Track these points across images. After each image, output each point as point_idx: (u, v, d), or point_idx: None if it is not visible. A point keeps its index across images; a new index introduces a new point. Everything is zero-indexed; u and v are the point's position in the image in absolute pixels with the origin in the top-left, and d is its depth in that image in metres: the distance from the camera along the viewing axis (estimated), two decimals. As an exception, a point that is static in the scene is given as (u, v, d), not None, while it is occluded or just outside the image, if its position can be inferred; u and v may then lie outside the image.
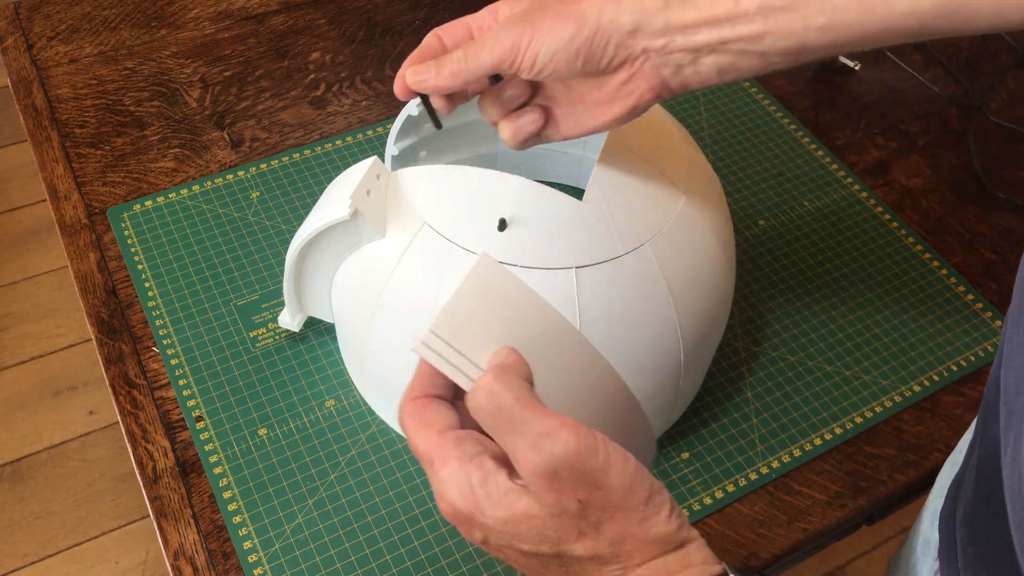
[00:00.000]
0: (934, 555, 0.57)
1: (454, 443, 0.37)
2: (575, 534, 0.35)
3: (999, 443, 0.44)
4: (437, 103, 0.53)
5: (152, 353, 0.68)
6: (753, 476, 0.64)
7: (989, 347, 0.72)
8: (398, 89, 0.52)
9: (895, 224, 0.81)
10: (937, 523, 0.57)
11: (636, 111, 0.49)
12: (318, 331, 0.69)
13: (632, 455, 0.35)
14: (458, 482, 0.36)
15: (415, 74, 0.50)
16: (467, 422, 0.38)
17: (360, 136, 0.84)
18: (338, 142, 0.83)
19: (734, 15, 0.44)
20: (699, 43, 0.45)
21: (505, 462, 0.36)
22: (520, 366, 0.37)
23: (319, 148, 0.82)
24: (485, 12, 0.52)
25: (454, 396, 0.39)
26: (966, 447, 0.56)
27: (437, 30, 0.53)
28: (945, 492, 0.58)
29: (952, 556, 0.51)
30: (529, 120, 0.53)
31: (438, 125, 0.56)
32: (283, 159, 0.81)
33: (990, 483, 0.45)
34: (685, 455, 0.65)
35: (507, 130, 0.53)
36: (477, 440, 0.37)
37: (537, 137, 0.54)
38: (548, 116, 0.53)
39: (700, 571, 0.35)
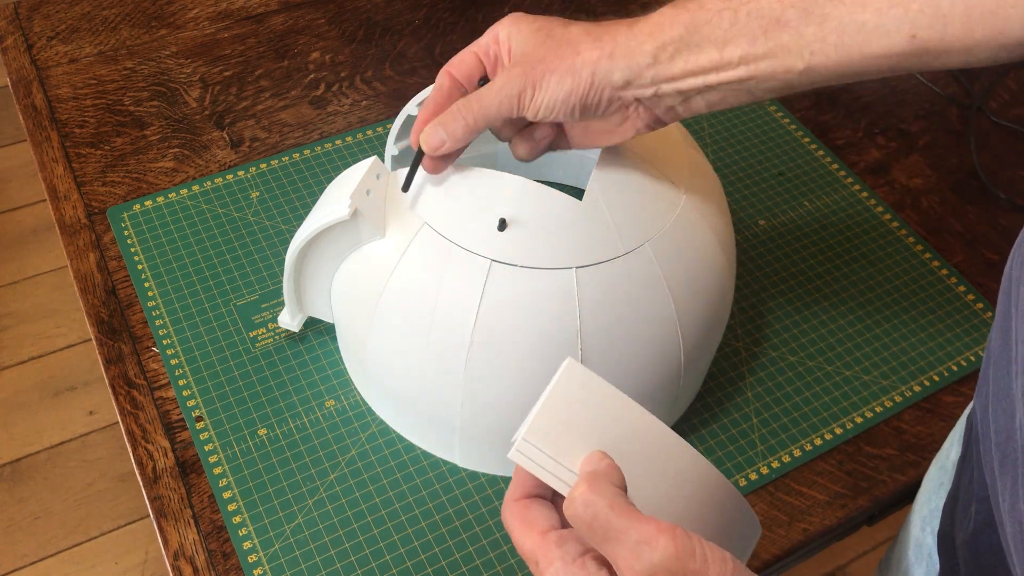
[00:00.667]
0: (927, 560, 0.57)
1: (556, 543, 0.38)
2: None
3: (990, 474, 0.44)
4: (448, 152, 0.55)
5: (152, 353, 0.68)
6: (753, 476, 0.64)
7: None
8: (413, 141, 0.55)
9: (895, 224, 0.81)
10: (928, 528, 0.57)
11: (636, 135, 0.53)
12: (318, 331, 0.69)
13: (729, 554, 0.36)
14: None
15: (432, 149, 0.53)
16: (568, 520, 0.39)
17: (360, 136, 0.83)
18: (338, 142, 0.83)
19: (719, 64, 0.46)
20: (687, 88, 0.48)
21: (606, 562, 0.37)
22: (612, 471, 0.38)
23: (319, 148, 0.82)
24: (488, 38, 0.54)
25: (554, 494, 0.41)
26: (951, 457, 0.56)
27: (448, 68, 0.55)
28: (931, 497, 0.58)
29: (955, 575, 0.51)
30: (541, 136, 0.56)
31: (406, 188, 0.58)
32: (283, 159, 0.81)
33: (988, 508, 0.45)
34: None
35: (522, 148, 0.56)
36: (579, 539, 0.38)
37: (548, 148, 0.57)
38: (558, 131, 0.56)
39: None
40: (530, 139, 0.56)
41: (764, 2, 0.44)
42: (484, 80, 0.55)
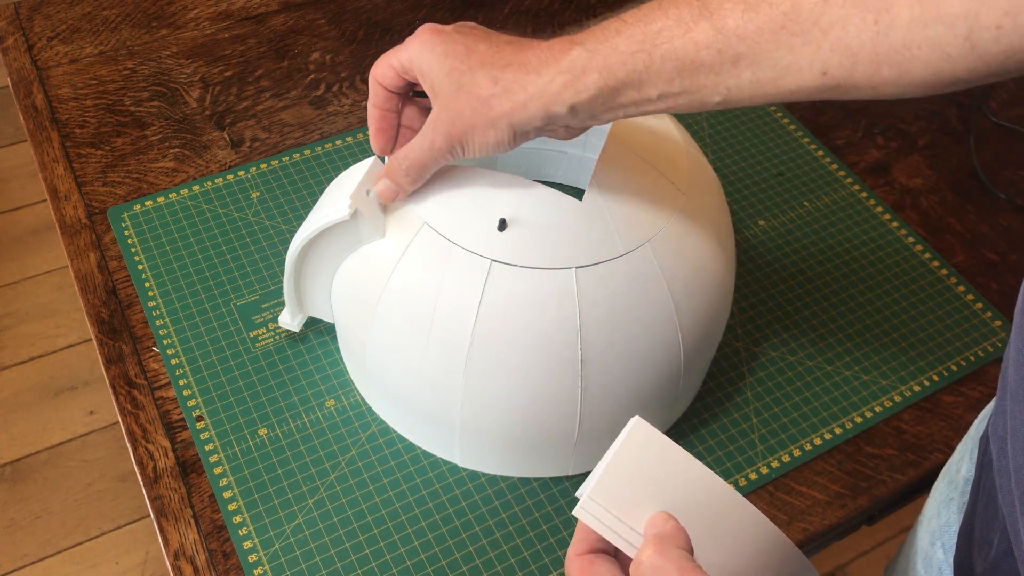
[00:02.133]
0: (938, 575, 0.57)
1: None
2: None
3: (1009, 508, 0.43)
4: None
5: (152, 353, 0.68)
6: (753, 476, 0.64)
7: (989, 347, 0.72)
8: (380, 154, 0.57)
9: (895, 224, 0.81)
10: (939, 543, 0.57)
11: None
12: (318, 331, 0.69)
13: None
14: None
15: (389, 199, 0.57)
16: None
17: (360, 136, 0.84)
18: (338, 142, 0.83)
19: (637, 100, 0.47)
20: (609, 118, 0.49)
21: None
22: (678, 533, 0.38)
23: (319, 148, 0.82)
24: (403, 59, 0.52)
25: (616, 549, 0.41)
26: (961, 472, 0.56)
27: (376, 77, 0.54)
28: (941, 511, 0.58)
29: None
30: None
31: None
32: (283, 159, 0.81)
33: (1008, 538, 0.45)
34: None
35: None
36: None
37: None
38: None
39: None
40: None
41: (678, 43, 0.44)
42: (415, 90, 0.55)
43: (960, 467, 0.57)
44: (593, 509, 0.39)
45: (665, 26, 0.44)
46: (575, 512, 0.40)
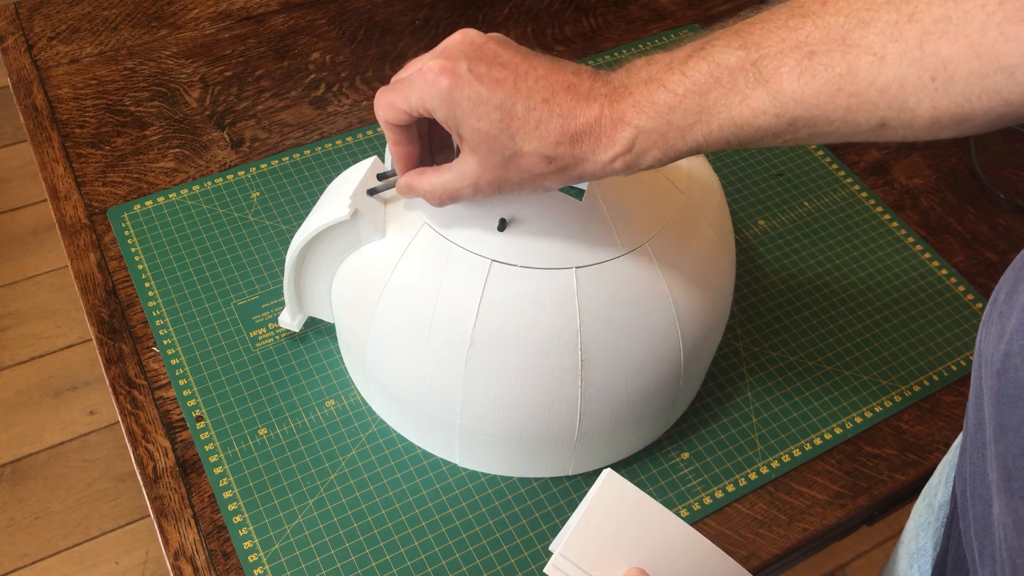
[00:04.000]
0: None
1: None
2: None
3: (971, 556, 0.43)
4: None
5: (152, 353, 0.68)
6: (753, 476, 0.64)
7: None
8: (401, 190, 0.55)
9: (895, 224, 0.81)
10: (916, 566, 0.57)
11: None
12: (318, 331, 0.69)
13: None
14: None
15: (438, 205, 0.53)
16: None
17: (360, 136, 0.84)
18: (338, 142, 0.83)
19: (682, 152, 0.46)
20: (648, 165, 0.48)
21: None
22: None
23: (319, 148, 0.82)
24: (414, 103, 0.49)
25: None
26: (938, 497, 0.56)
27: (387, 119, 0.51)
28: (919, 534, 0.57)
29: None
30: None
31: (371, 193, 0.58)
32: (283, 159, 0.81)
33: None
34: (685, 455, 0.65)
35: None
36: None
37: None
38: None
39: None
40: None
41: (735, 112, 0.43)
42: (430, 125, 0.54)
43: (938, 491, 0.56)
44: (564, 566, 0.39)
45: (721, 95, 0.43)
46: (546, 569, 0.40)
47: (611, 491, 0.40)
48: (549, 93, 0.46)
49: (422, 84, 0.47)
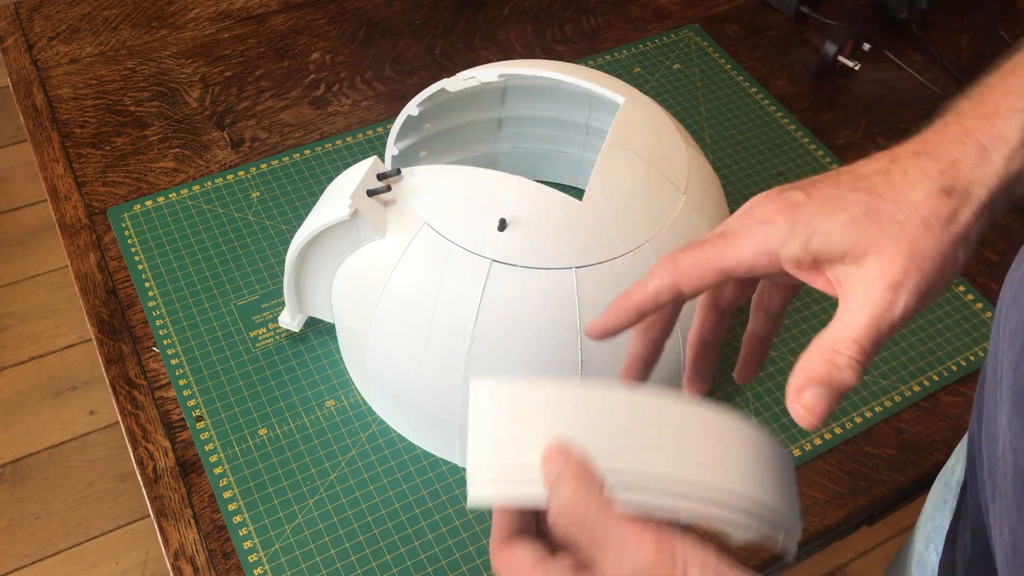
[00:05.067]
0: None
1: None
2: None
3: (984, 500, 0.43)
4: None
5: (152, 353, 0.68)
6: (753, 476, 0.64)
7: (989, 347, 0.72)
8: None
9: (895, 224, 0.80)
10: (932, 546, 0.57)
11: None
12: (318, 331, 0.69)
13: (712, 557, 0.34)
14: None
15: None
16: (555, 541, 0.37)
17: (360, 136, 0.84)
18: (338, 142, 0.83)
19: None
20: None
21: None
22: (577, 472, 0.35)
23: (319, 148, 0.82)
24: (754, 251, 0.41)
25: (534, 520, 0.38)
26: (956, 475, 0.56)
27: (671, 272, 0.42)
28: (935, 514, 0.58)
29: None
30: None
31: (380, 178, 0.57)
32: (283, 159, 0.81)
33: (985, 535, 0.45)
34: None
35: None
36: (561, 568, 0.36)
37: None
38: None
39: None
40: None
41: None
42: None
43: (955, 470, 0.57)
44: (483, 490, 0.35)
45: None
46: (469, 506, 0.36)
47: (483, 397, 0.36)
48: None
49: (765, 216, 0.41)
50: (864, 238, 0.39)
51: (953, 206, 0.39)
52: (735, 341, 0.71)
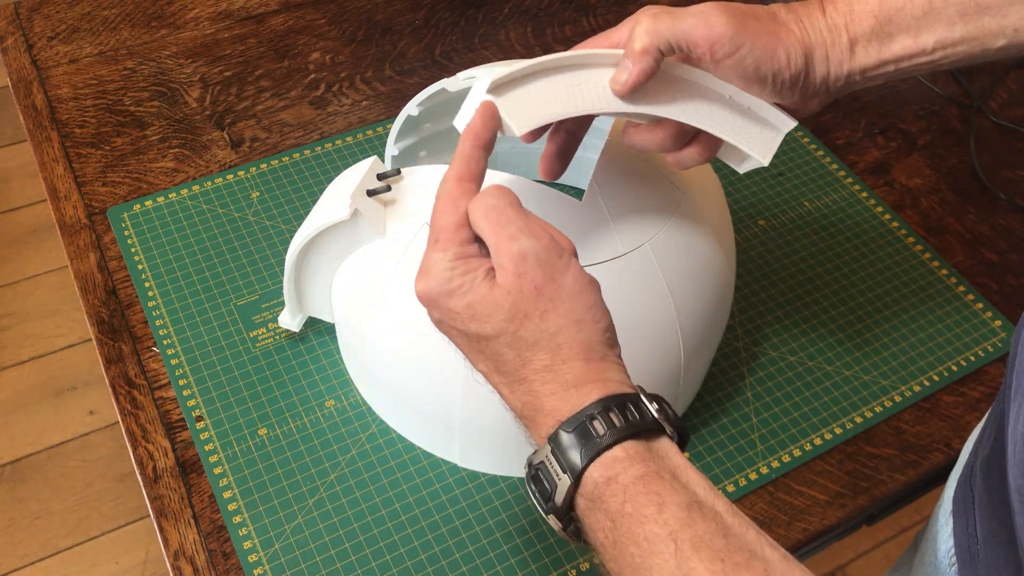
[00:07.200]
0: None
1: (461, 241, 0.42)
2: (522, 315, 0.41)
3: (1011, 399, 0.44)
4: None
5: (152, 353, 0.68)
6: (753, 476, 0.64)
7: (989, 347, 0.72)
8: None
9: (895, 224, 0.81)
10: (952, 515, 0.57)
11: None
12: (318, 331, 0.69)
13: (594, 282, 0.42)
14: (441, 269, 0.42)
15: (616, 83, 0.48)
16: None
17: (360, 136, 0.84)
18: (338, 142, 0.83)
19: (912, 52, 0.47)
20: (874, 75, 0.48)
21: (489, 271, 0.42)
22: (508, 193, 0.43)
23: (319, 148, 0.82)
24: (626, 30, 0.49)
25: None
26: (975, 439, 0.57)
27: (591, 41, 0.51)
28: (953, 484, 0.58)
29: (968, 508, 0.51)
30: (692, 154, 0.53)
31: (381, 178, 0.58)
32: (283, 159, 0.81)
33: (1004, 436, 0.45)
34: (685, 455, 0.65)
35: (641, 137, 0.53)
36: (478, 251, 0.43)
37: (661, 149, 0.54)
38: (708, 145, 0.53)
39: (615, 385, 0.40)
40: (677, 155, 0.53)
41: None
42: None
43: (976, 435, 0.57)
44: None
45: None
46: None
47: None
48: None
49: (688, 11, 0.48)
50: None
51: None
52: (735, 341, 0.71)
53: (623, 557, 0.37)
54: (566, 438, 0.39)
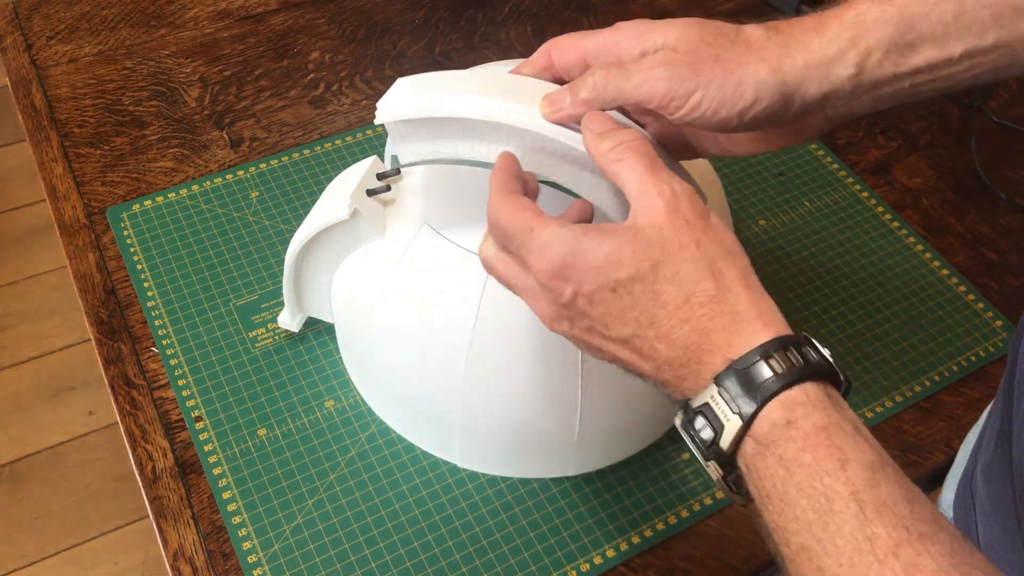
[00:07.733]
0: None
1: (545, 219, 0.41)
2: (678, 246, 0.39)
3: (1016, 404, 0.44)
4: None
5: (151, 353, 0.68)
6: (753, 476, 0.64)
7: (989, 347, 0.72)
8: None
9: (896, 224, 0.80)
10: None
11: (803, 142, 0.50)
12: (318, 331, 0.69)
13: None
14: (561, 238, 0.40)
15: (550, 105, 0.47)
16: None
17: (360, 136, 0.83)
18: (338, 142, 0.83)
19: (935, 63, 0.42)
20: (889, 92, 0.44)
21: (601, 228, 0.40)
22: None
23: (319, 148, 0.82)
24: (600, 40, 0.50)
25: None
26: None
27: (550, 47, 0.50)
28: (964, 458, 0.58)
29: (970, 513, 0.51)
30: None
31: (380, 178, 0.58)
32: (283, 159, 0.81)
33: (1008, 440, 0.45)
34: (685, 455, 0.65)
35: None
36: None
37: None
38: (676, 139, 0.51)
39: (781, 324, 0.41)
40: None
41: None
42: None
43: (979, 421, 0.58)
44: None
45: None
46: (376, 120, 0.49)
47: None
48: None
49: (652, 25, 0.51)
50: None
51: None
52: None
53: (791, 510, 0.35)
54: (740, 375, 0.36)
